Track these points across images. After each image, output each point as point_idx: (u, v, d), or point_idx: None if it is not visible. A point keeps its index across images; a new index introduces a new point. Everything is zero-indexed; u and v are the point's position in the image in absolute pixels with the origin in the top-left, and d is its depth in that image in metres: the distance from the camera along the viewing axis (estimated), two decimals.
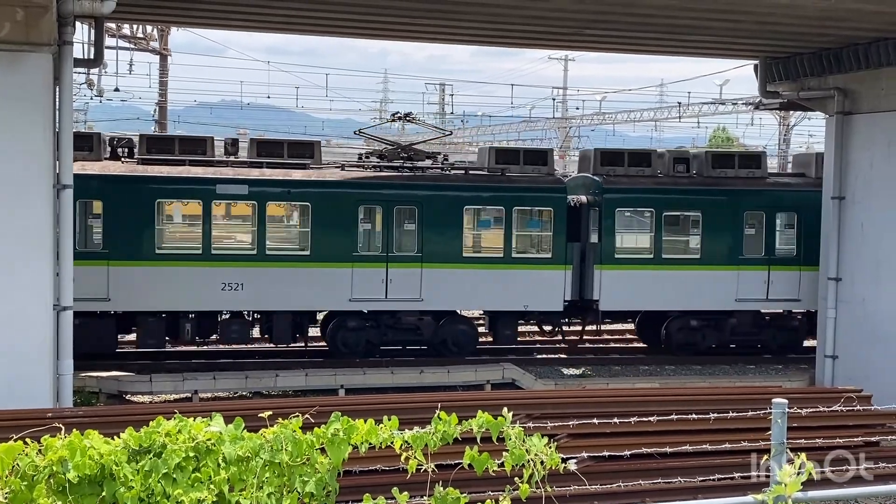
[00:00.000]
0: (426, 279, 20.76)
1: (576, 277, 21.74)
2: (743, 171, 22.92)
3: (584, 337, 24.30)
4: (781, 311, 23.39)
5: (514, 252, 21.47)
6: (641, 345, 24.58)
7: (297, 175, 20.69)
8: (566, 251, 21.57)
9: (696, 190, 22.49)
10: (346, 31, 20.61)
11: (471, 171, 22.20)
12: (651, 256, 22.09)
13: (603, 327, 24.83)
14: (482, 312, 23.83)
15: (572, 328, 23.69)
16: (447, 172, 21.84)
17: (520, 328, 23.34)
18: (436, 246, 20.93)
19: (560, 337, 23.62)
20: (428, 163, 22.36)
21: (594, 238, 21.97)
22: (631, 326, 25.38)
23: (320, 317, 22.60)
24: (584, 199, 22.37)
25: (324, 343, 22.21)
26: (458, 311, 22.17)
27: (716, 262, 22.11)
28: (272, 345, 22.33)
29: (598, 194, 22.03)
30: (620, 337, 25.93)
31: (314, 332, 22.62)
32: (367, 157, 22.70)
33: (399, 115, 24.47)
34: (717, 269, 22.09)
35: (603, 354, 23.67)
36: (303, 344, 22.33)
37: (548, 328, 23.65)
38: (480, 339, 25.02)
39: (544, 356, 23.39)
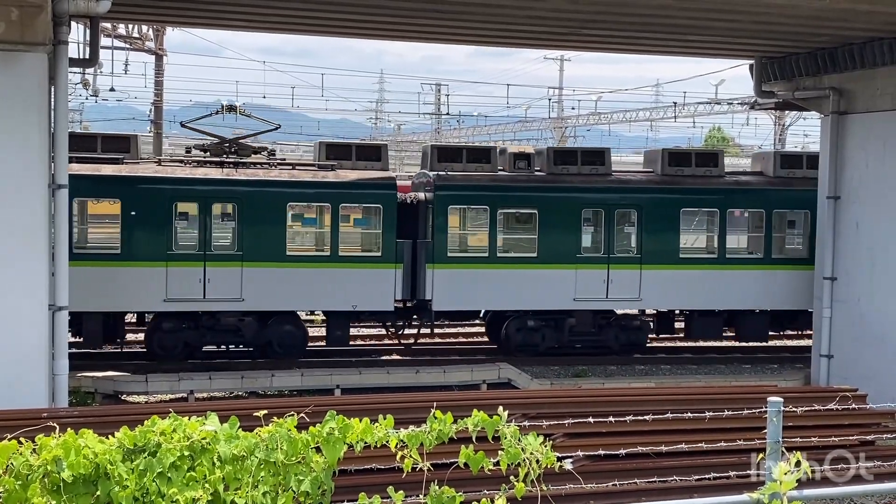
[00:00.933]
0: (247, 279, 20.21)
1: (407, 277, 21.23)
2: (586, 169, 22.39)
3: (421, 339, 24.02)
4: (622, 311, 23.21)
5: (340, 250, 20.91)
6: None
7: (107, 171, 20.07)
8: (396, 249, 21.02)
9: (534, 187, 21.91)
10: (343, 31, 20.60)
11: (298, 167, 21.71)
12: (486, 255, 21.57)
13: None
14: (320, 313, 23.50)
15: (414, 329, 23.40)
16: (270, 168, 21.23)
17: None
18: (258, 244, 20.34)
19: (396, 339, 23.41)
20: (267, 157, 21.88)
21: (427, 236, 21.51)
22: None
23: (133, 318, 22.34)
24: (421, 196, 22.00)
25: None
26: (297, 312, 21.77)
27: (553, 261, 21.59)
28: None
29: (431, 191, 21.56)
30: None
31: None
32: (188, 152, 21.94)
33: (227, 106, 23.73)
34: (555, 269, 21.62)
35: (599, 355, 23.66)
36: (119, 348, 21.95)
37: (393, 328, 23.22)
38: (474, 340, 25.03)
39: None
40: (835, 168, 19.89)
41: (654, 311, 23.64)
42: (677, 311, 23.58)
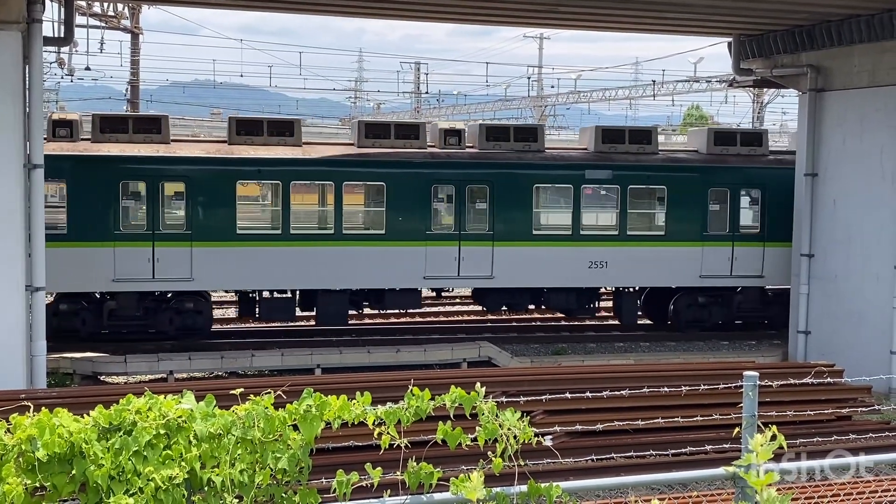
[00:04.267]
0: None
1: None
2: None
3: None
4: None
5: None
6: (616, 322, 24.63)
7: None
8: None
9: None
10: (322, 8, 20.47)
11: None
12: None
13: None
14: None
15: None
16: None
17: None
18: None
19: None
20: None
21: None
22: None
23: None
24: None
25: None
26: None
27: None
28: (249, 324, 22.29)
29: None
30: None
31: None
32: None
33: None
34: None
35: (578, 332, 23.76)
36: None
37: None
38: (456, 319, 25.02)
39: (518, 335, 23.47)
40: (812, 145, 19.99)
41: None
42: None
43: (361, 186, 21.59)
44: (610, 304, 25.16)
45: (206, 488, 4.78)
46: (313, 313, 22.06)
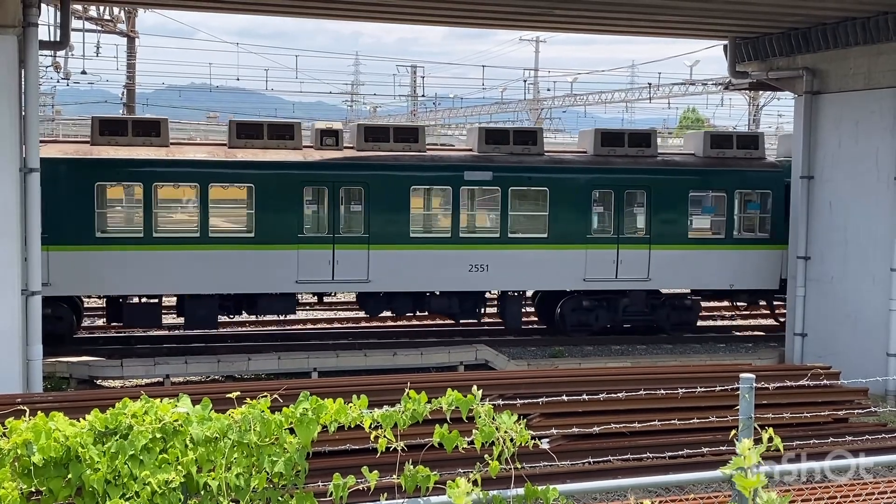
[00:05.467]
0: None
1: None
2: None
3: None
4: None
5: None
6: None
7: None
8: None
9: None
10: (318, 12, 20.47)
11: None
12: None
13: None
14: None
15: None
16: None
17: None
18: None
19: None
20: None
21: None
22: None
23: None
24: None
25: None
26: None
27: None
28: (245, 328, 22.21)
29: None
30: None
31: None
32: None
33: None
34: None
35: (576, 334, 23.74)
36: None
37: None
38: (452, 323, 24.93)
39: (516, 337, 23.46)
40: (808, 148, 20.02)
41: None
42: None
43: (229, 188, 20.92)
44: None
45: (202, 492, 4.78)
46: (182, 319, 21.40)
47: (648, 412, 12.03)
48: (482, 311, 23.01)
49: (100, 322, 23.69)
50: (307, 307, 25.71)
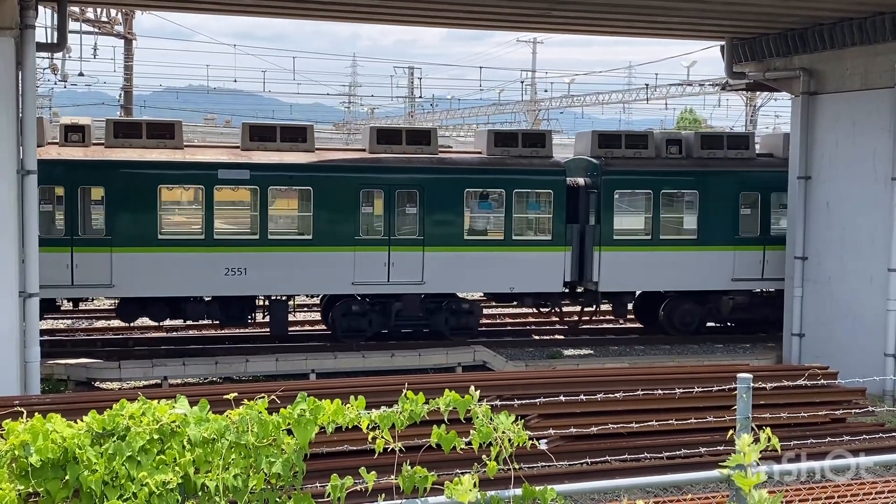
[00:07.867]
0: None
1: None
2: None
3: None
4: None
5: None
6: (611, 325, 24.64)
7: None
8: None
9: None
10: (316, 14, 20.48)
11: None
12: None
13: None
14: None
15: None
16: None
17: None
18: None
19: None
20: None
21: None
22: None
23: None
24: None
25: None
26: None
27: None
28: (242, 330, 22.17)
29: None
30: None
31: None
32: None
33: None
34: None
35: (570, 335, 23.75)
36: None
37: None
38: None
39: (513, 339, 23.47)
40: (805, 148, 20.03)
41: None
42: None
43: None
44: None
45: (199, 493, 4.78)
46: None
47: (646, 413, 12.04)
48: (253, 318, 21.79)
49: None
50: (304, 308, 25.70)
